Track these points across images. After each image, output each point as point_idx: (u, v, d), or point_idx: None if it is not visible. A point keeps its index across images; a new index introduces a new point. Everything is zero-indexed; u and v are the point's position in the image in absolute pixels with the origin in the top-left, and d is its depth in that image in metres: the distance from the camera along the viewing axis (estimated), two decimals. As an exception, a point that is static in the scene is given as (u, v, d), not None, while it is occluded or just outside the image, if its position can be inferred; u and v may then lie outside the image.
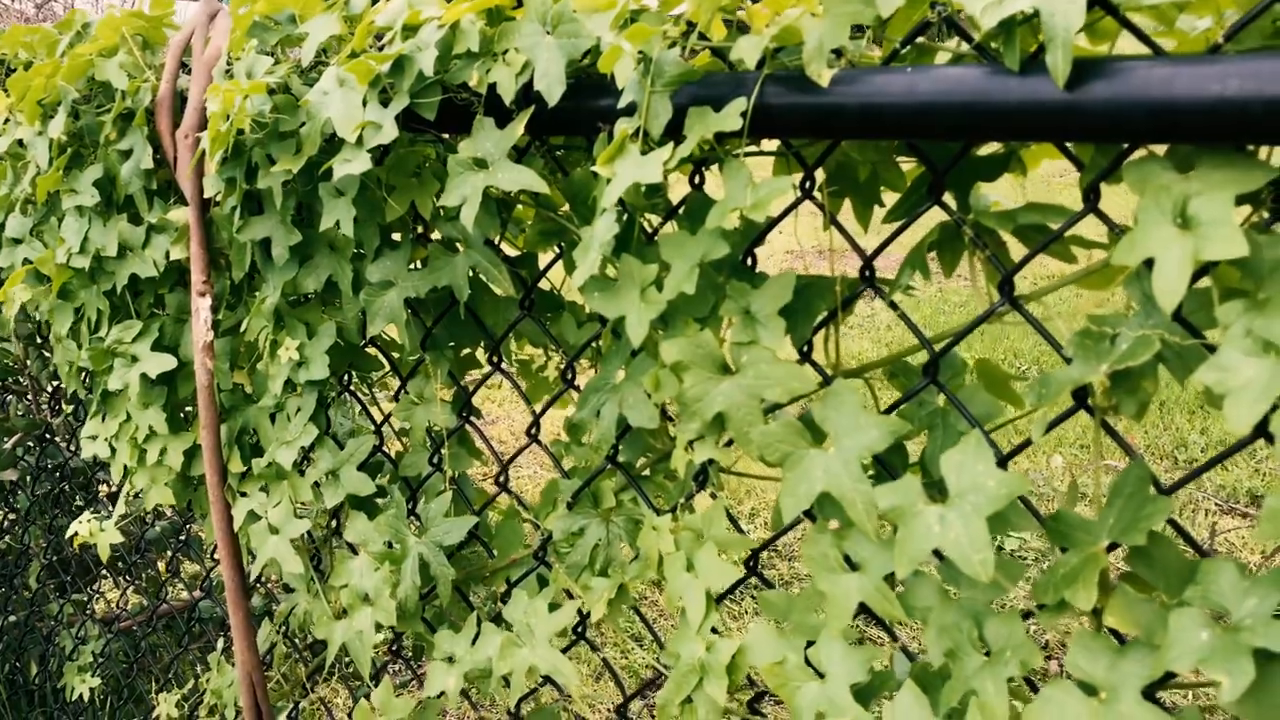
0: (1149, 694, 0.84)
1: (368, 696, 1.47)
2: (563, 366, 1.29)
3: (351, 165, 1.15)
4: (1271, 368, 0.71)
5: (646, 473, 1.30)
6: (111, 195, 1.58)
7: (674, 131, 0.98)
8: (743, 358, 1.00)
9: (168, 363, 1.57)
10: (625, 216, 1.09)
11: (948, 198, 0.99)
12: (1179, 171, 0.78)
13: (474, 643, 1.31)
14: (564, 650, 1.32)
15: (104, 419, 1.73)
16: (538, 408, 1.38)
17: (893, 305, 1.00)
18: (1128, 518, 0.84)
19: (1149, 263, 0.78)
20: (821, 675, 1.00)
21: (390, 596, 1.38)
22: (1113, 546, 0.87)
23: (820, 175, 1.03)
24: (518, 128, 1.09)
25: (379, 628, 1.40)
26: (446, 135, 1.24)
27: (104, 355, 1.61)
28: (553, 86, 1.03)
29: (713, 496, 1.16)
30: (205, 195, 1.46)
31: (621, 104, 0.99)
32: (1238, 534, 3.97)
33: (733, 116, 0.93)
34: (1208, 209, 0.75)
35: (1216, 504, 4.22)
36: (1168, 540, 0.85)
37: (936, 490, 0.92)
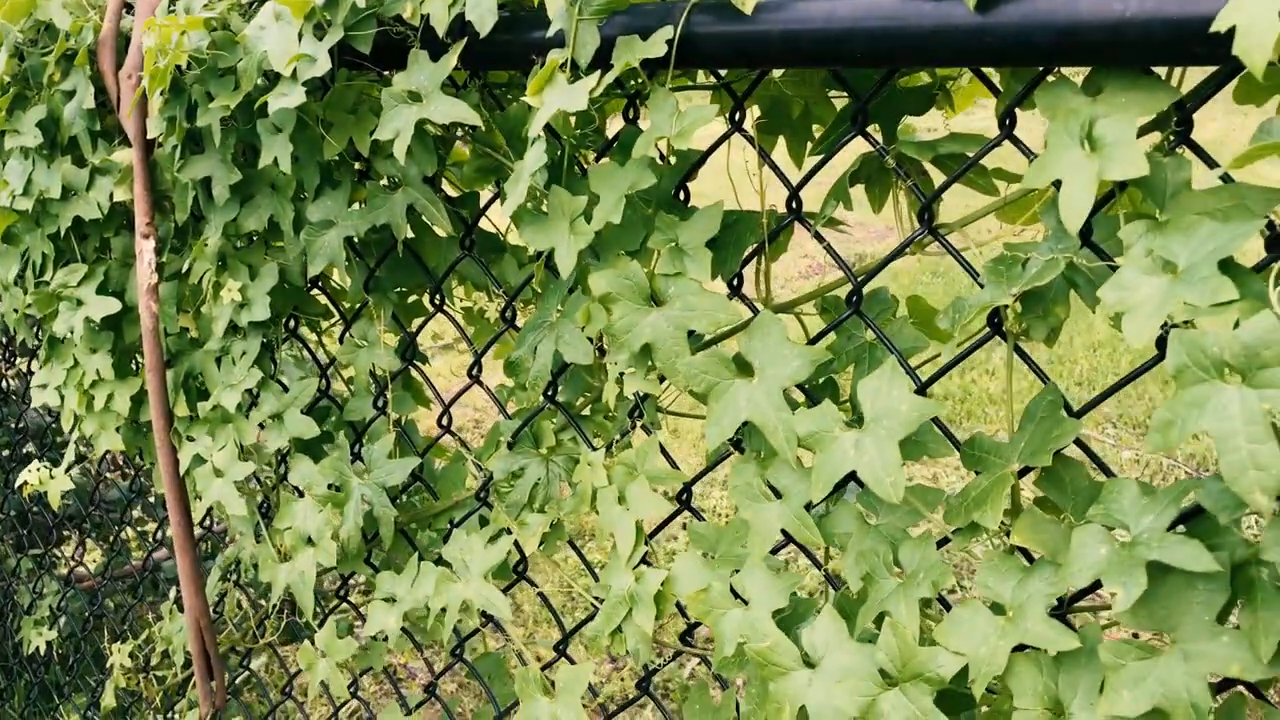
0: (1059, 614, 0.85)
1: (313, 640, 1.48)
2: (503, 307, 1.29)
3: (287, 99, 1.15)
4: (1167, 285, 0.73)
5: (586, 412, 1.31)
6: (55, 137, 1.57)
7: (603, 62, 0.98)
8: (670, 289, 1.01)
9: (112, 306, 1.56)
10: (559, 151, 1.09)
11: (875, 132, 0.99)
12: (1088, 95, 0.79)
13: (414, 583, 1.32)
14: (505, 590, 1.33)
15: (52, 366, 1.72)
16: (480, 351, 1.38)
17: (818, 236, 1.01)
18: (1038, 440, 0.85)
19: (1058, 185, 0.79)
20: (745, 603, 1.01)
21: (332, 538, 1.38)
22: (1026, 471, 0.88)
23: (752, 110, 1.04)
24: (451, 59, 1.08)
25: (321, 569, 1.41)
26: (385, 72, 1.24)
27: (49, 299, 1.60)
28: (484, 17, 1.03)
29: (647, 432, 1.17)
30: (148, 136, 1.45)
31: (550, 33, 0.99)
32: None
33: (658, 44, 0.93)
34: (1112, 131, 0.76)
35: (1187, 472, 4.28)
36: (1076, 463, 0.87)
37: (860, 422, 0.93)
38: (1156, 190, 0.77)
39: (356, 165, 1.31)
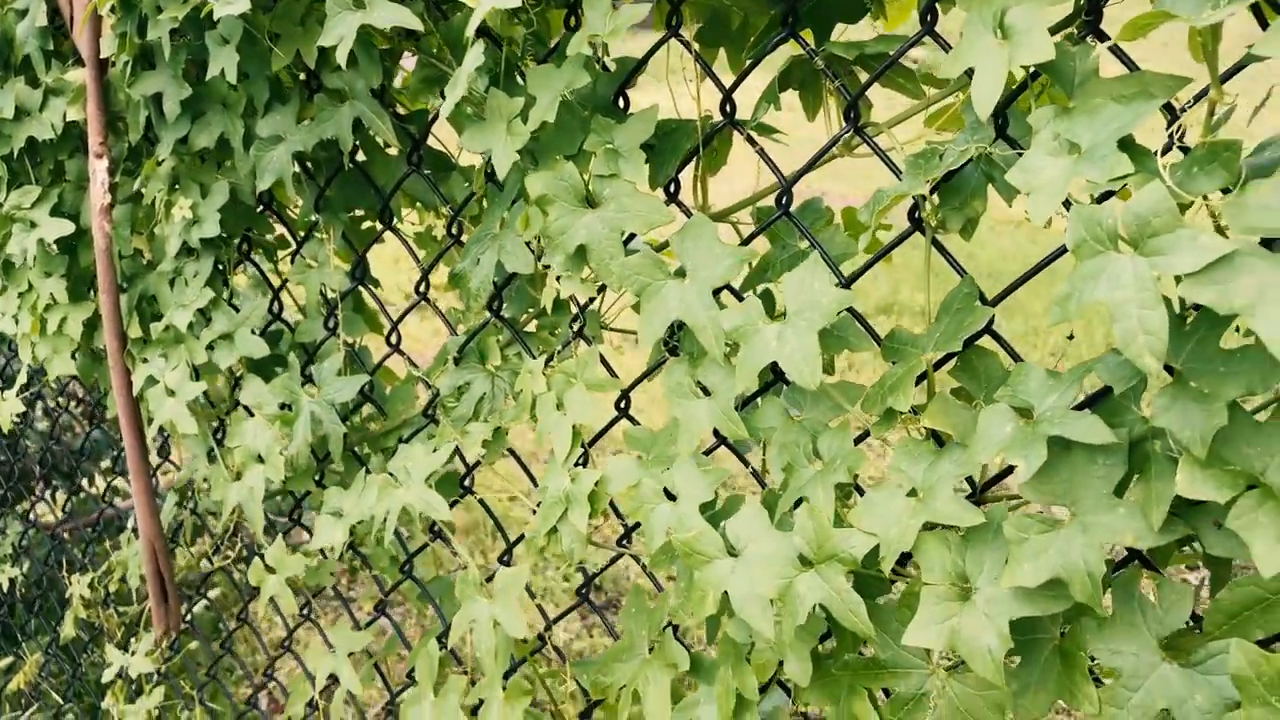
0: (973, 500, 0.88)
1: (263, 556, 1.50)
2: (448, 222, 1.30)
3: (232, 6, 1.15)
4: (1070, 165, 0.75)
5: (532, 329, 1.33)
6: (8, 58, 1.57)
7: (540, -37, 0.99)
8: (605, 191, 1.03)
9: (66, 228, 1.57)
10: (501, 56, 1.10)
11: (809, 38, 1.01)
12: (1003, -14, 0.81)
13: (360, 496, 1.34)
14: (452, 505, 1.35)
15: (7, 292, 1.72)
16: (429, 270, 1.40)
17: (750, 140, 1.03)
18: (952, 330, 0.88)
19: (971, 74, 0.81)
20: (674, 498, 1.03)
21: (281, 454, 1.40)
22: (943, 362, 0.91)
23: (694, 23, 1.05)
24: (393, -35, 1.09)
25: (270, 485, 1.42)
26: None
27: (3, 221, 1.61)
28: (426, -78, 1.04)
29: (588, 343, 1.19)
30: (101, 55, 1.45)
31: (486, -65, 1.00)
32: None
33: (591, -57, 0.94)
34: (1023, 18, 0.78)
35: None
36: (989, 353, 0.89)
37: (784, 317, 0.95)
38: (1065, 78, 0.79)
39: (302, 76, 1.31)
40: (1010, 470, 0.84)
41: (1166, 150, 0.75)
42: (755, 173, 1.05)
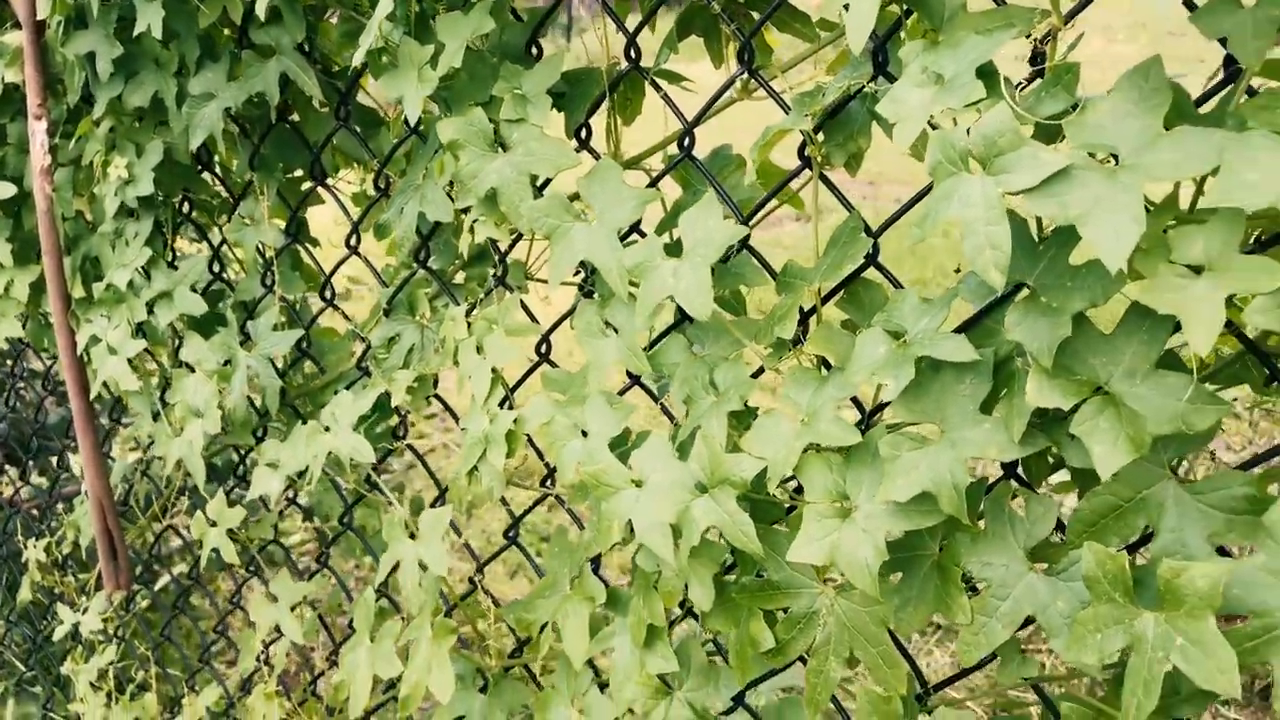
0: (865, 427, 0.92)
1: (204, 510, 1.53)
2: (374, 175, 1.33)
3: (155, -38, 1.18)
4: (932, 94, 0.78)
5: (460, 280, 1.36)
6: (-53, 22, 1.58)
7: (448, -87, 1.01)
8: (514, 135, 1.05)
9: (7, 190, 1.59)
10: (417, 6, 1.12)
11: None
12: (876, -74, 0.84)
13: (295, 446, 1.37)
14: (383, 457, 1.38)
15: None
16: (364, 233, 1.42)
17: (654, 85, 1.06)
18: (836, 261, 0.91)
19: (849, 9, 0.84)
20: (585, 434, 1.07)
21: (218, 407, 1.43)
22: (829, 297, 0.94)
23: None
24: (310, -80, 1.12)
25: (209, 438, 1.45)
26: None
27: (-54, 185, 1.62)
28: (338, -126, 1.06)
29: (509, 290, 1.22)
30: (38, 16, 1.47)
31: (395, -114, 1.03)
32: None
33: (493, -108, 0.97)
34: (893, -45, 0.81)
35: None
36: (874, 284, 0.93)
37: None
38: (934, 13, 0.82)
39: (226, 33, 1.34)
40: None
41: (1034, 79, 0.78)
42: (664, 120, 1.08)
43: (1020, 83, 0.78)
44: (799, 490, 0.93)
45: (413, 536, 1.23)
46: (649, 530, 0.96)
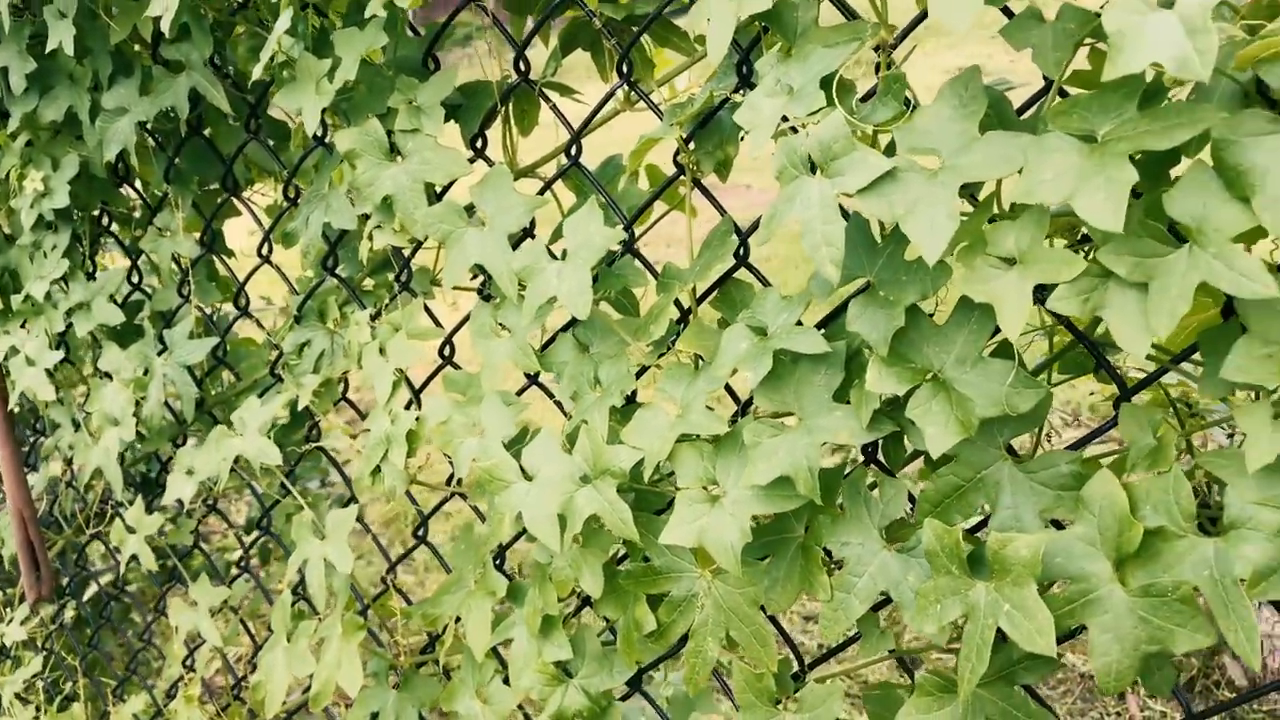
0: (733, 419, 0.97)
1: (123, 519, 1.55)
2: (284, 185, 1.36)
3: (62, -21, 1.21)
4: (783, 103, 0.84)
5: (370, 287, 1.39)
6: None
7: (341, -68, 1.06)
8: (408, 145, 1.10)
9: (-75, 204, 1.60)
10: (307, 21, 1.17)
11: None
12: (736, -55, 0.89)
13: (208, 451, 1.39)
14: (297, 461, 1.41)
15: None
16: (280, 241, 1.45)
17: (543, 97, 1.10)
18: (708, 261, 0.96)
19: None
20: (481, 433, 1.11)
21: (134, 416, 1.45)
22: (704, 296, 1.00)
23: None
24: (213, -61, 1.16)
25: (125, 445, 1.47)
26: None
27: None
28: (237, -104, 1.10)
29: (413, 295, 1.26)
30: (-48, 33, 1.49)
31: (291, -93, 1.07)
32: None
33: (382, -87, 1.01)
34: (748, -26, 0.87)
35: (1061, 418, 4.51)
36: (745, 284, 0.98)
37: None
38: (788, 28, 0.88)
39: (137, 49, 1.37)
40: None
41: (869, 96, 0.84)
42: (555, 131, 1.13)
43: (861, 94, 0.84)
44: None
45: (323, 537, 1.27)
46: (537, 521, 1.00)
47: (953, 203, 0.72)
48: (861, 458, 0.94)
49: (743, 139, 0.98)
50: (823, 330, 0.90)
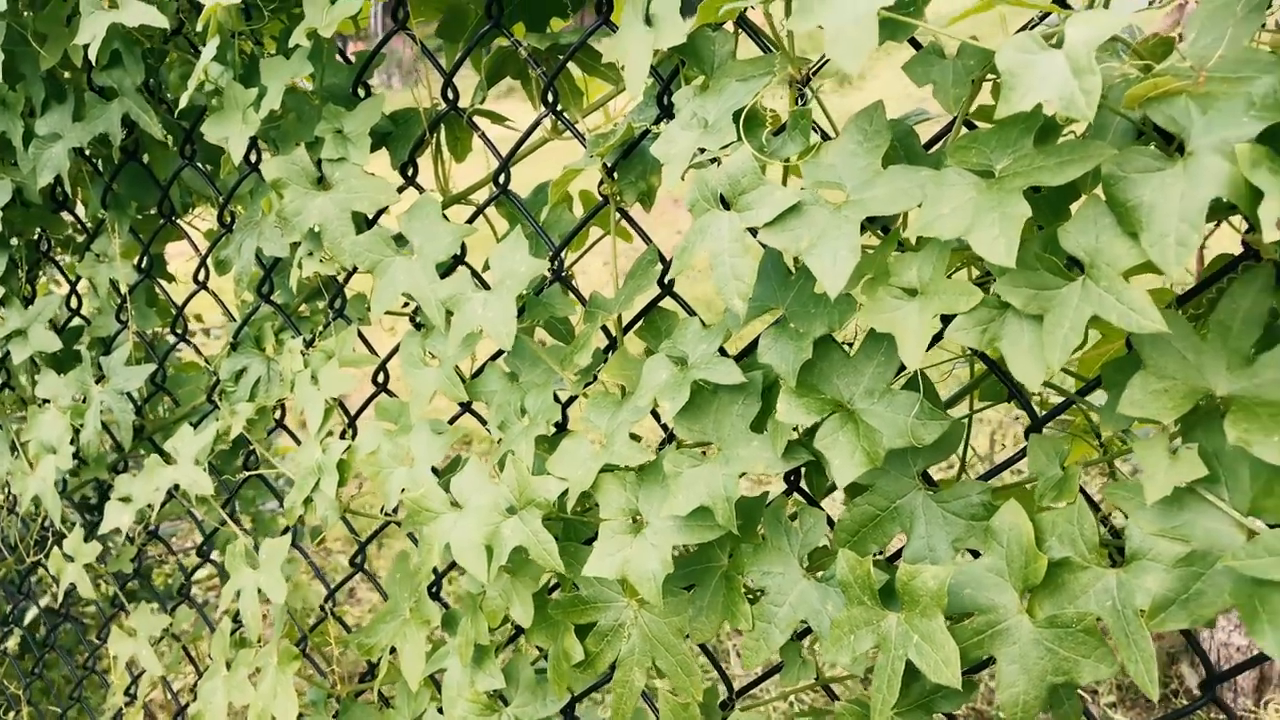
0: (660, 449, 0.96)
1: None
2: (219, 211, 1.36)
3: (-11, 6, 1.20)
4: (698, 136, 0.84)
5: (307, 313, 1.39)
6: None
7: (267, -37, 1.06)
8: (335, 174, 1.09)
9: None
10: (235, 50, 1.16)
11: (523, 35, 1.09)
12: (652, -21, 0.90)
13: (146, 480, 1.38)
14: (236, 489, 1.40)
15: None
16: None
17: (471, 124, 1.10)
18: (632, 291, 0.97)
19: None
20: (411, 462, 1.10)
21: (71, 444, 1.43)
22: (630, 325, 1.00)
23: (422, 15, 1.13)
24: (140, -33, 1.15)
25: (62, 474, 1.46)
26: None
27: None
28: (163, -76, 1.10)
29: (348, 322, 1.25)
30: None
31: (217, -64, 1.07)
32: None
33: (306, -58, 1.01)
34: (664, 7, 0.87)
35: (1014, 416, 4.53)
36: (669, 312, 0.98)
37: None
38: (705, 60, 0.88)
39: (67, 75, 1.36)
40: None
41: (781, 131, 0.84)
42: (485, 159, 1.13)
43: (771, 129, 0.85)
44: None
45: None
46: (464, 552, 1.00)
47: (855, 237, 0.72)
48: (785, 486, 0.94)
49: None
50: (743, 360, 0.90)
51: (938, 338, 0.74)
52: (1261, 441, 0.64)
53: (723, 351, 0.90)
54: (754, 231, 0.77)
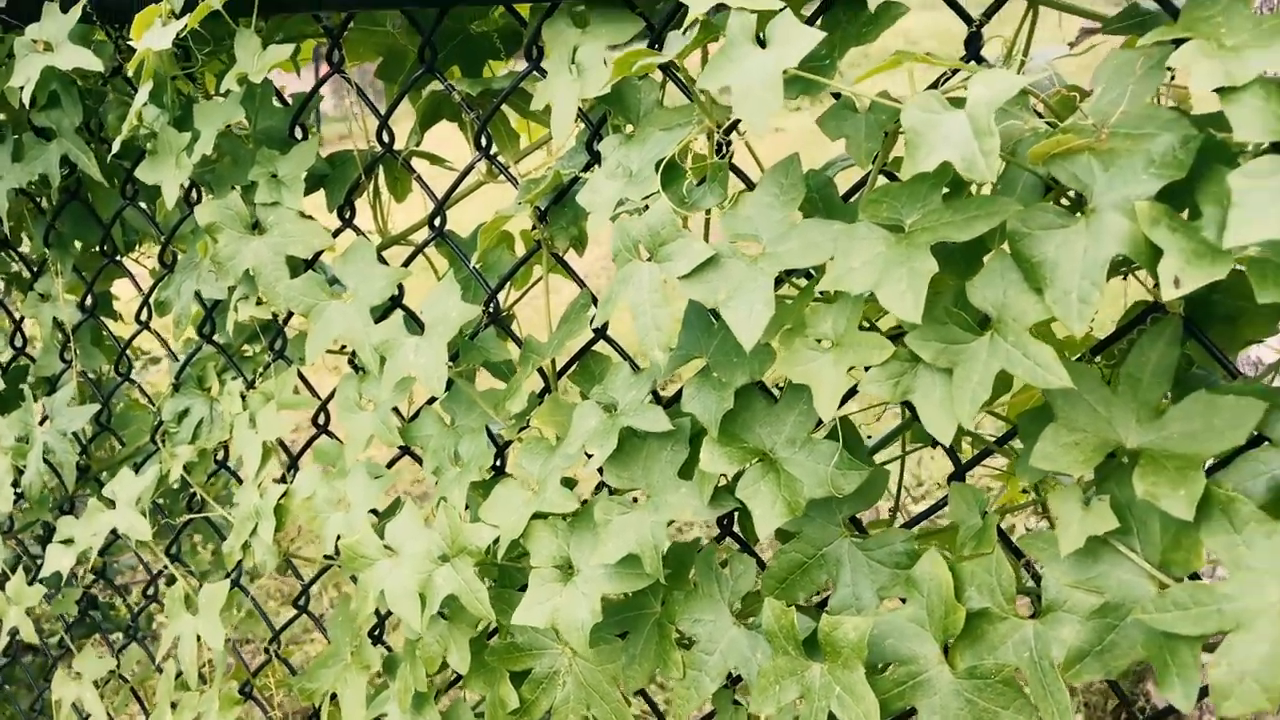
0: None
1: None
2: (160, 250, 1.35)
3: (-77, 48, 1.19)
4: (622, 186, 0.84)
5: (251, 353, 1.38)
6: None
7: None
8: (269, 218, 1.09)
9: None
10: (168, 94, 1.15)
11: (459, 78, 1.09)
12: (579, 27, 0.90)
13: (87, 523, 1.36)
14: (179, 531, 1.39)
15: None
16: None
17: (407, 166, 1.10)
18: (564, 335, 0.96)
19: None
20: (347, 507, 1.10)
21: (12, 485, 1.42)
22: (563, 370, 0.99)
23: (361, 57, 1.13)
24: (76, 11, 1.14)
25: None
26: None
27: None
28: (99, -32, 1.10)
29: (288, 363, 1.24)
30: None
31: (149, -19, 1.06)
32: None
33: (237, -11, 1.01)
34: (589, 55, 0.88)
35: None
36: (603, 356, 0.98)
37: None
38: (630, 109, 0.89)
39: (4, 117, 1.35)
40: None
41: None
42: (422, 201, 1.13)
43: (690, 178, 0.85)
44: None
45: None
46: (398, 599, 0.99)
47: (769, 290, 0.72)
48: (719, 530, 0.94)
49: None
50: (674, 405, 0.90)
51: (855, 389, 0.74)
52: (1169, 495, 0.64)
53: (656, 396, 0.90)
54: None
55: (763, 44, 0.69)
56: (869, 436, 1.06)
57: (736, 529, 0.93)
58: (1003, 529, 0.77)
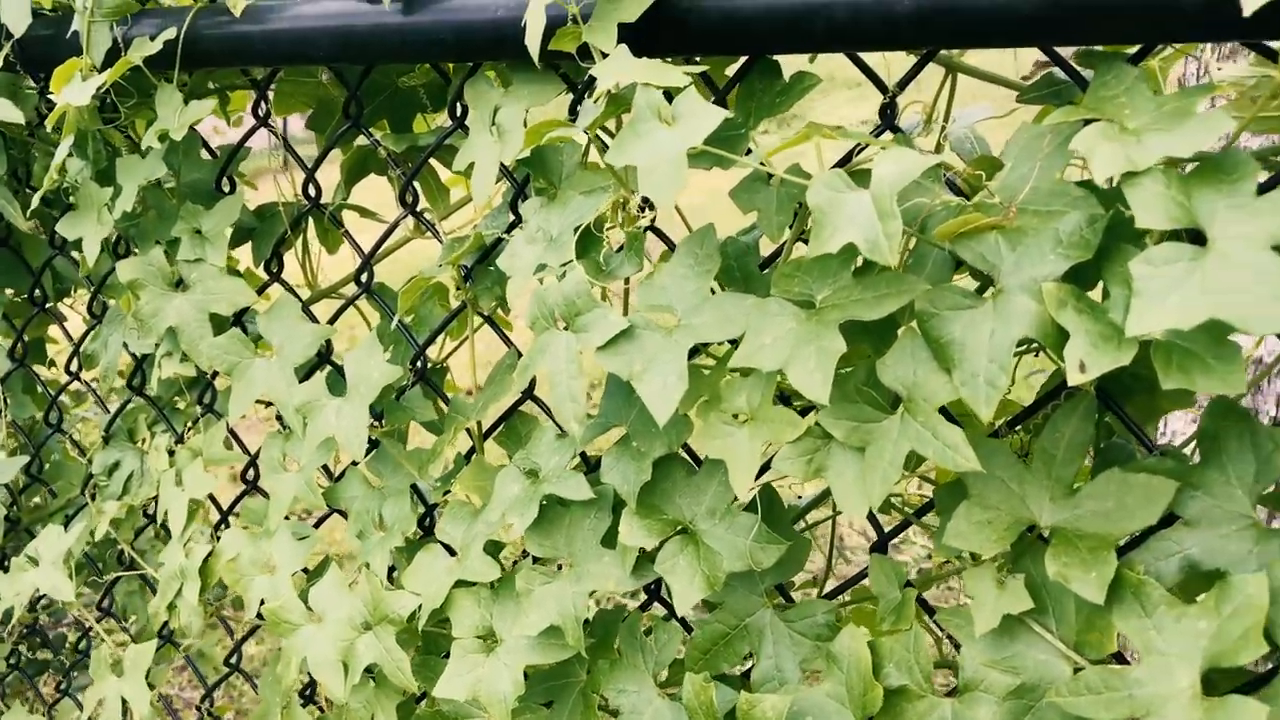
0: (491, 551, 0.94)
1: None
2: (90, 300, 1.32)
3: None
4: (541, 250, 0.83)
5: (182, 406, 1.35)
6: None
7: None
8: (192, 275, 1.07)
9: None
10: (102, 150, 1.13)
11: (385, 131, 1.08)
12: (501, 88, 0.89)
13: (13, 580, 1.33)
14: (109, 588, 1.35)
15: None
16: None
17: (335, 221, 1.09)
18: (491, 396, 0.95)
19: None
20: (272, 569, 1.07)
21: (-63, 539, 1.38)
22: (489, 432, 0.98)
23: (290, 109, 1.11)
24: (-2, 60, 1.12)
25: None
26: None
27: None
28: (17, 21, 1.07)
29: (218, 417, 1.22)
30: None
31: (69, 34, 1.05)
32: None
33: (158, 44, 0.99)
34: (509, 118, 0.86)
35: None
36: (531, 418, 0.96)
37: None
38: (552, 172, 0.88)
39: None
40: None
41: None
42: (350, 256, 1.11)
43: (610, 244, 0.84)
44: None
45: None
46: (320, 666, 0.97)
47: (683, 363, 0.71)
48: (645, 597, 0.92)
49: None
50: (598, 471, 0.88)
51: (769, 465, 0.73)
52: (1080, 578, 0.63)
53: (586, 458, 0.89)
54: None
55: (671, 119, 0.68)
56: (799, 497, 1.05)
57: (664, 593, 0.92)
58: (925, 599, 0.76)
